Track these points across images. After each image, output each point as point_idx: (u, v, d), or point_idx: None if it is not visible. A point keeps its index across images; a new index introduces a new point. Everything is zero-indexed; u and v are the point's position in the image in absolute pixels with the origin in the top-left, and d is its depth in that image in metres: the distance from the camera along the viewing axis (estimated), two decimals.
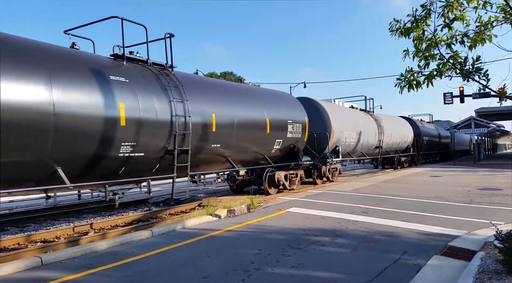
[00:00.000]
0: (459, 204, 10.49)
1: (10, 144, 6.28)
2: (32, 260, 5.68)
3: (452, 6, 5.17)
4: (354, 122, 19.65)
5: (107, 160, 7.90)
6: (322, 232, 7.44)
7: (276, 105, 13.82)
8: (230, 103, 11.43)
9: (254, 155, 12.72)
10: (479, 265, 4.92)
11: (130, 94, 8.27)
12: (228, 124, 11.03)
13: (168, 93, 9.21)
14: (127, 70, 8.77)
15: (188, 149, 9.54)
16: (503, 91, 5.14)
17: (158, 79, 9.32)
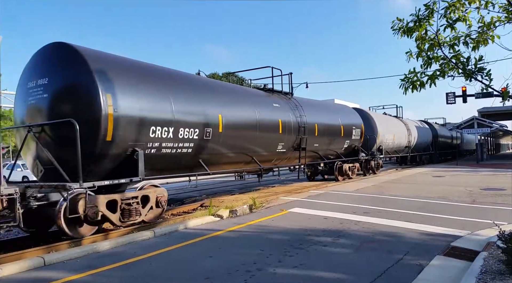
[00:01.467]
0: (462, 204, 10.46)
1: None
2: (35, 261, 5.70)
3: (455, 6, 5.16)
4: (391, 127, 24.54)
5: (270, 155, 13.49)
6: (324, 232, 7.44)
7: (344, 114, 18.94)
8: (324, 116, 16.94)
9: (331, 153, 17.97)
10: (482, 266, 4.91)
11: (282, 113, 13.72)
12: (323, 130, 16.30)
13: (295, 111, 14.52)
14: (275, 98, 14.21)
15: (305, 147, 14.95)
16: (506, 90, 5.12)
17: (288, 102, 14.62)
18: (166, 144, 9.09)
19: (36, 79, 8.17)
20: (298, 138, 14.42)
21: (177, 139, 9.31)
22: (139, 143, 8.43)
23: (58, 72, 7.97)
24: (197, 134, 9.80)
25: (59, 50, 8.17)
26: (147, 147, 8.62)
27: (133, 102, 8.31)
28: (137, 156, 8.27)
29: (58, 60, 8.07)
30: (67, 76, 7.87)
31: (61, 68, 7.97)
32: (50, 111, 7.88)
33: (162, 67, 10.43)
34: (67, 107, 7.73)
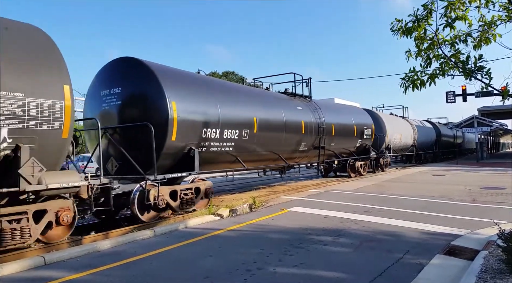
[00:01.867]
0: (462, 203, 10.47)
1: None
2: (35, 260, 5.70)
3: (454, 5, 5.16)
4: (398, 127, 25.93)
5: (294, 153, 14.90)
6: (325, 231, 7.44)
7: (356, 115, 20.28)
8: (340, 117, 18.24)
9: (345, 151, 19.27)
10: (482, 265, 4.91)
11: (304, 115, 15.11)
12: (339, 130, 17.62)
13: (315, 113, 15.92)
14: (297, 101, 15.63)
15: (324, 146, 16.31)
16: (505, 89, 5.12)
17: (308, 105, 16.00)
18: (214, 143, 10.63)
19: (109, 88, 9.57)
20: (318, 138, 15.96)
21: (222, 139, 10.85)
22: (195, 142, 9.94)
23: (130, 82, 9.38)
24: (237, 134, 11.33)
25: (130, 64, 9.63)
26: (199, 145, 10.11)
27: (191, 108, 9.81)
28: (193, 153, 9.74)
29: (130, 73, 9.50)
30: (139, 86, 9.31)
31: (132, 79, 9.40)
32: (122, 115, 9.35)
33: (209, 77, 12.61)
34: (138, 112, 9.15)
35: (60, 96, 6.65)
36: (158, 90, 9.05)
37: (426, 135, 31.76)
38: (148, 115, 8.95)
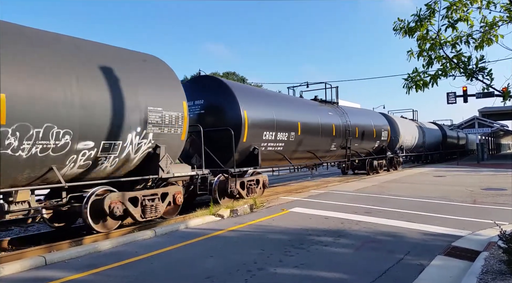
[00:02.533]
0: (463, 204, 10.46)
1: None
2: (36, 260, 5.70)
3: (456, 6, 5.16)
4: (410, 129, 28.13)
5: (325, 152, 17.18)
6: (325, 232, 7.44)
7: (375, 119, 22.44)
8: (362, 120, 20.47)
9: (365, 151, 21.42)
10: (483, 266, 4.90)
11: (334, 119, 17.32)
12: (362, 132, 19.99)
13: (342, 118, 18.16)
14: (328, 107, 17.85)
15: (350, 147, 18.62)
16: (506, 90, 5.12)
17: (336, 110, 18.24)
18: (270, 144, 13.02)
19: (193, 100, 12.15)
20: (345, 139, 18.27)
21: (276, 141, 13.25)
22: (257, 143, 12.31)
23: (211, 95, 11.99)
24: (286, 136, 13.74)
25: (210, 80, 12.51)
26: (260, 145, 12.48)
27: (256, 115, 12.17)
28: (257, 152, 12.15)
29: (210, 87, 12.12)
30: (218, 99, 11.86)
31: (213, 93, 11.99)
32: (204, 122, 11.57)
33: (266, 90, 16.85)
34: (217, 119, 11.69)
35: (181, 109, 9.29)
36: (234, 102, 11.53)
37: (433, 137, 34.10)
38: (225, 122, 11.44)
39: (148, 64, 9.10)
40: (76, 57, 7.37)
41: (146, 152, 8.56)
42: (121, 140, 7.88)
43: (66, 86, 6.87)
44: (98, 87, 7.44)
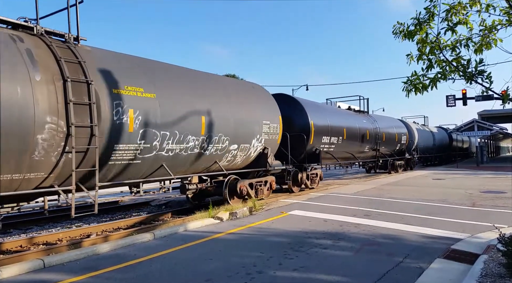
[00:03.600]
0: (462, 207, 10.45)
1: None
2: (34, 263, 5.68)
3: (456, 9, 5.17)
4: (423, 134, 32.04)
5: (360, 153, 20.14)
6: (325, 235, 7.43)
7: (396, 124, 26.20)
8: (387, 127, 23.70)
9: (388, 153, 24.42)
10: (482, 269, 4.90)
11: (367, 126, 20.48)
12: (388, 136, 23.21)
13: (373, 125, 21.29)
14: (361, 116, 21.09)
15: (378, 149, 21.91)
16: (506, 93, 5.13)
17: (368, 119, 21.54)
18: (325, 145, 16.21)
19: None
20: (375, 143, 21.43)
21: (329, 143, 16.50)
22: (318, 145, 15.62)
23: (286, 108, 14.69)
24: (336, 140, 16.92)
25: (285, 97, 15.61)
26: (320, 147, 15.76)
27: (318, 123, 15.44)
28: (318, 151, 15.62)
29: (286, 102, 14.99)
30: (292, 111, 14.94)
31: (287, 106, 14.89)
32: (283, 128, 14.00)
33: (321, 103, 19.90)
34: (291, 127, 14.57)
35: (278, 121, 13.26)
36: (304, 113, 14.92)
37: (441, 140, 37.79)
38: (297, 128, 14.78)
39: (255, 90, 13.13)
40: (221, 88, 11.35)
41: (259, 152, 12.52)
42: (249, 143, 11.83)
43: (226, 107, 10.89)
44: (238, 107, 11.44)
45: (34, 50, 6.70)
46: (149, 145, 8.37)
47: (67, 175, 6.91)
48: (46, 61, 6.75)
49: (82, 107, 6.97)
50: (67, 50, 7.35)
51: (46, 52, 6.91)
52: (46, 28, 7.46)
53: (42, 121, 6.37)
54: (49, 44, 7.04)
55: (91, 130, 7.05)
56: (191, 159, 9.81)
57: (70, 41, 7.70)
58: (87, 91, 7.09)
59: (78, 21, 7.84)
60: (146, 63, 9.18)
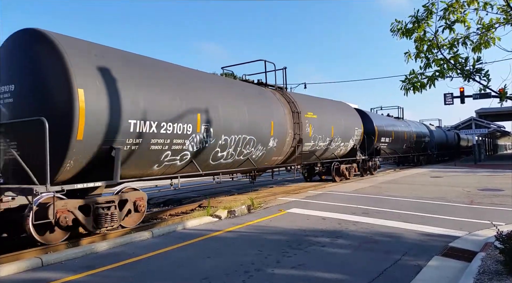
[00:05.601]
0: (460, 204, 10.48)
1: None
2: (32, 261, 5.68)
3: (454, 7, 5.17)
4: (439, 134, 37.76)
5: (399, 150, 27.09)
6: (323, 233, 7.44)
7: (421, 126, 33.01)
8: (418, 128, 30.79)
9: (408, 151, 28.68)
10: (479, 266, 4.92)
11: (404, 128, 27.43)
12: (417, 137, 29.57)
13: (408, 127, 28.19)
14: (399, 121, 28.19)
15: (410, 147, 28.28)
16: (503, 91, 5.13)
17: (403, 122, 28.25)
18: (382, 144, 22.87)
19: None
20: (409, 142, 27.62)
21: (384, 142, 23.05)
22: (379, 144, 22.28)
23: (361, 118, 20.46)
24: (388, 140, 23.69)
25: (359, 110, 21.37)
26: (380, 145, 22.39)
27: (379, 128, 22.01)
28: (379, 148, 22.18)
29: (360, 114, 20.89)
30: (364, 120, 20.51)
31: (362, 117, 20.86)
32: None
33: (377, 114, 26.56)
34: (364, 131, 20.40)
35: (361, 128, 19.86)
36: (371, 122, 21.55)
37: (452, 139, 43.66)
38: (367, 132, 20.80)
39: (346, 106, 20.31)
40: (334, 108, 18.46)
41: (351, 147, 19.23)
42: (348, 141, 18.55)
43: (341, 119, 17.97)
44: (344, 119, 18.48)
45: (280, 98, 14.08)
46: (318, 142, 15.82)
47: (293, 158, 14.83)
48: (284, 103, 14.03)
49: (296, 124, 14.08)
50: (285, 95, 14.59)
51: (282, 98, 14.23)
52: (278, 84, 14.98)
53: (288, 132, 13.72)
54: (282, 93, 14.61)
55: (299, 136, 14.24)
56: (324, 150, 16.79)
57: (284, 90, 15.13)
58: (297, 117, 14.17)
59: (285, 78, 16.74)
60: (312, 99, 17.15)
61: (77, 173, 7.50)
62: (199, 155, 10.03)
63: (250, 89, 12.94)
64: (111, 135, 7.59)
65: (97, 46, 8.31)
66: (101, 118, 7.34)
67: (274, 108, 13.07)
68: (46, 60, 7.12)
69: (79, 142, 7.02)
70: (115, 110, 7.62)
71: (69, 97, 6.86)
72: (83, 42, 8.05)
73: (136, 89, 8.22)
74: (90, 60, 7.56)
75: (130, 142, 8.03)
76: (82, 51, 7.57)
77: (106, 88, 7.54)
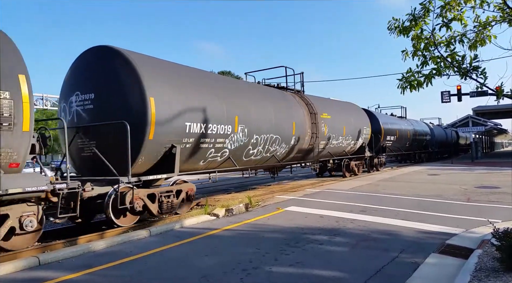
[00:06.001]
0: (457, 202, 10.52)
1: None
2: (29, 260, 5.67)
3: (450, 5, 5.18)
4: (439, 132, 39.58)
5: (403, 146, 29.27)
6: (320, 230, 7.45)
7: (423, 125, 34.55)
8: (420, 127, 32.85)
9: (410, 148, 30.41)
10: (476, 263, 4.94)
11: (408, 127, 29.24)
12: (419, 135, 31.80)
13: (411, 126, 29.94)
14: (403, 120, 29.52)
15: (414, 144, 31.05)
16: (500, 89, 5.15)
17: (406, 121, 29.90)
18: (387, 142, 24.45)
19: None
20: (412, 140, 29.42)
21: (389, 141, 24.76)
22: (385, 142, 24.04)
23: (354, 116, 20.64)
24: (393, 138, 25.11)
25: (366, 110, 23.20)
26: (385, 143, 24.05)
27: (385, 126, 23.98)
28: (385, 147, 24.05)
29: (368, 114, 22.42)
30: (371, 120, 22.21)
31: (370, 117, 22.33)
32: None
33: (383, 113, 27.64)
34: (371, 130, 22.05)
35: (369, 127, 21.51)
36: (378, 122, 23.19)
37: (452, 137, 45.43)
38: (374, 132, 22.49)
39: (355, 107, 21.92)
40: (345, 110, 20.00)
41: (360, 145, 20.77)
42: (357, 140, 20.06)
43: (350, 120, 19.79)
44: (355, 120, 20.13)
45: (299, 100, 15.55)
46: (331, 141, 17.55)
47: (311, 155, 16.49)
48: (303, 105, 15.52)
49: (314, 124, 15.53)
50: (303, 98, 16.00)
51: (301, 100, 15.73)
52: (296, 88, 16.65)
53: (307, 131, 15.21)
54: (300, 96, 16.11)
55: (316, 135, 15.75)
56: (336, 147, 18.33)
57: (302, 93, 16.63)
58: (315, 117, 15.62)
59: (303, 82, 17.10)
60: (326, 101, 18.93)
61: (145, 167, 9.10)
62: (235, 152, 11.54)
63: (275, 93, 14.56)
64: (172, 135, 9.16)
65: (156, 59, 9.99)
66: (165, 121, 8.86)
67: (294, 110, 14.63)
68: (122, 73, 8.63)
69: (150, 141, 8.58)
70: (175, 114, 9.19)
71: (143, 104, 8.44)
72: (147, 56, 9.69)
73: (189, 96, 9.81)
74: (155, 73, 9.10)
75: (185, 141, 9.64)
76: (148, 64, 9.16)
77: (168, 96, 9.10)
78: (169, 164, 9.19)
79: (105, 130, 8.47)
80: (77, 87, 9.08)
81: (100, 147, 8.47)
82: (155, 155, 8.99)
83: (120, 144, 8.10)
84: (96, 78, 8.83)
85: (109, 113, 8.47)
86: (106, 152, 8.31)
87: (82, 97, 8.94)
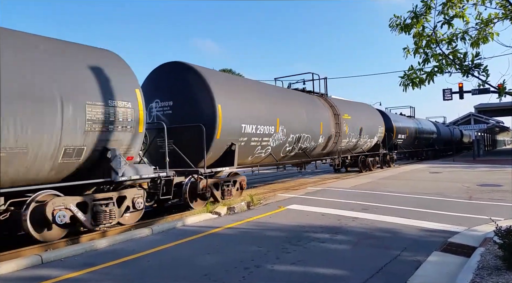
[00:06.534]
0: (459, 200, 10.50)
1: None
2: (32, 259, 5.68)
3: (452, 2, 5.15)
4: (445, 131, 41.55)
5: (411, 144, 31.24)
6: (322, 229, 7.45)
7: (429, 124, 36.02)
8: (426, 125, 34.42)
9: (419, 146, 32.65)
10: (478, 261, 4.93)
11: (414, 125, 31.11)
12: (425, 133, 33.50)
13: (417, 125, 31.87)
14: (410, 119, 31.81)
15: (421, 142, 33.38)
16: (502, 87, 5.13)
17: (414, 120, 32.09)
18: (398, 140, 26.54)
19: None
20: (419, 138, 30.76)
21: (400, 139, 26.65)
22: (396, 140, 25.93)
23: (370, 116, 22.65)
24: (404, 136, 27.06)
25: (379, 111, 24.93)
26: (397, 141, 26.15)
27: (397, 125, 25.93)
28: (397, 144, 26.22)
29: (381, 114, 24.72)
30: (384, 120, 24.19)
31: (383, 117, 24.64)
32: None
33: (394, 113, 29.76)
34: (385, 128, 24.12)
35: (383, 126, 23.58)
36: (391, 122, 25.12)
37: (456, 135, 47.09)
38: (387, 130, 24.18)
39: (371, 108, 23.69)
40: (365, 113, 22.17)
41: (375, 142, 22.62)
42: (373, 138, 22.09)
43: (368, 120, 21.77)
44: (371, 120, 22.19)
45: (324, 103, 17.44)
46: (351, 139, 19.39)
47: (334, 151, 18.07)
48: (327, 107, 17.34)
49: (337, 124, 17.27)
50: (327, 100, 17.92)
51: (326, 103, 17.60)
52: (320, 92, 18.47)
53: (332, 130, 16.99)
54: (324, 99, 17.95)
55: (339, 134, 17.41)
56: (355, 145, 20.36)
57: (326, 96, 18.49)
58: (338, 118, 17.41)
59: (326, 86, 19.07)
60: (346, 102, 20.56)
61: (211, 161, 11.03)
62: (276, 149, 13.50)
63: (305, 97, 16.65)
64: (232, 135, 11.09)
65: (215, 71, 12.95)
66: (228, 123, 10.80)
67: (321, 112, 16.60)
68: (194, 85, 10.68)
69: (217, 140, 10.58)
70: (235, 117, 11.11)
71: (213, 110, 10.46)
72: (211, 70, 12.14)
73: (243, 102, 11.81)
74: (218, 83, 11.05)
75: (241, 140, 11.54)
76: (213, 76, 11.24)
77: (229, 102, 11.02)
78: (228, 159, 11.17)
79: (181, 131, 10.47)
80: (157, 96, 11.14)
81: (176, 145, 10.52)
82: (219, 151, 10.99)
83: (194, 142, 10.24)
84: (173, 89, 10.88)
85: (184, 117, 10.55)
86: (181, 149, 10.43)
87: (162, 104, 11.06)
